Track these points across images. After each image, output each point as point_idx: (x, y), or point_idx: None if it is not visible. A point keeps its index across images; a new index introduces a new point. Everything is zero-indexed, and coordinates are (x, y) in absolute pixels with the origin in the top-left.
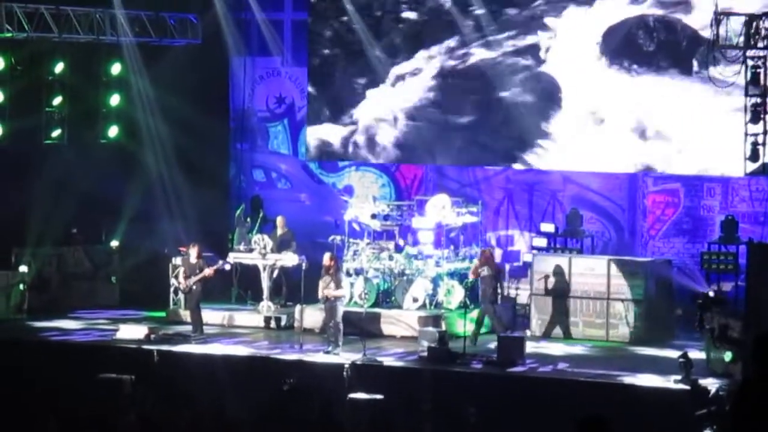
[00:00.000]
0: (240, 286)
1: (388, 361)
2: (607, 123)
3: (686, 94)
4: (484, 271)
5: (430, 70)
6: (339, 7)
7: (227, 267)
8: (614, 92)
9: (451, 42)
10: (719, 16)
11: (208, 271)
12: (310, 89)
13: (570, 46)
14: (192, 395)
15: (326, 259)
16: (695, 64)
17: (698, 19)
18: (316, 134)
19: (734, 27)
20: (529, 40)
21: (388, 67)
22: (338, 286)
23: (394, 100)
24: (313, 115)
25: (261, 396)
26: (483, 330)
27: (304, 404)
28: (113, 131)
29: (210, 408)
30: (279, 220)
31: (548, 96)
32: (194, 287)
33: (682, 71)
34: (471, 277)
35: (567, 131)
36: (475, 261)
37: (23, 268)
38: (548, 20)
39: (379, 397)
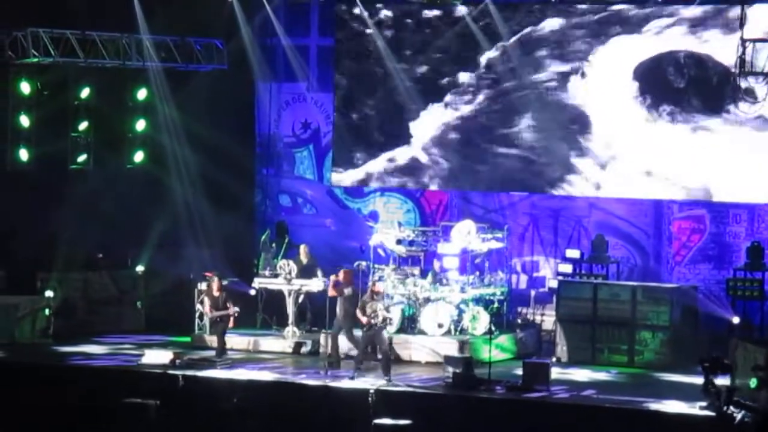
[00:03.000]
0: (265, 312)
1: (413, 387)
2: (634, 153)
3: (714, 123)
4: (349, 291)
5: (458, 99)
6: (365, 35)
7: (252, 292)
8: (643, 124)
9: (480, 72)
10: (745, 44)
11: (231, 313)
12: (336, 116)
13: (601, 80)
14: (217, 420)
15: (379, 285)
16: (724, 95)
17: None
18: (342, 161)
19: (761, 54)
20: (560, 72)
21: (416, 95)
22: (388, 309)
23: (421, 128)
24: (339, 142)
25: (285, 421)
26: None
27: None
28: (139, 156)
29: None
30: (302, 249)
31: (577, 127)
32: (220, 319)
33: (711, 105)
34: (333, 294)
35: (595, 160)
36: (336, 280)
37: (49, 293)
38: (580, 53)
39: (406, 422)
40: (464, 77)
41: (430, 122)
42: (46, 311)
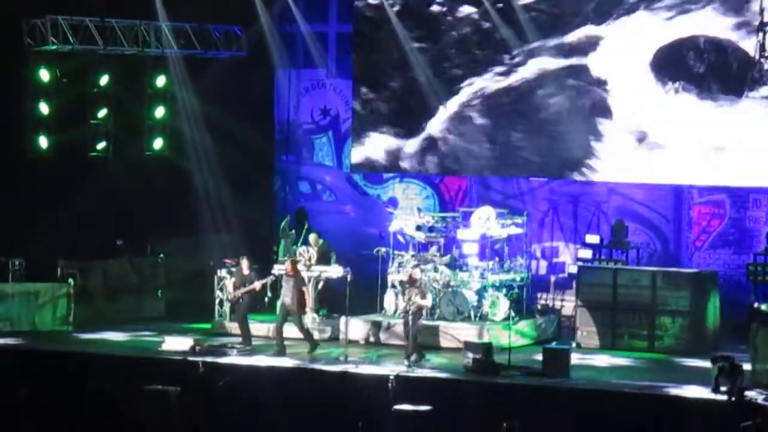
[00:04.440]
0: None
1: (433, 373)
2: (654, 137)
3: (734, 109)
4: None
5: (479, 83)
6: (383, 20)
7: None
8: (662, 108)
9: (501, 55)
10: (765, 27)
11: (257, 285)
12: (354, 103)
13: (620, 65)
14: (237, 407)
15: (417, 272)
16: (745, 80)
17: (750, 41)
18: (361, 148)
19: None
20: (580, 55)
21: (434, 80)
22: (424, 296)
23: (442, 113)
24: (358, 128)
25: (305, 408)
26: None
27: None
28: (158, 144)
29: (255, 420)
30: (312, 238)
31: (596, 112)
32: (242, 299)
33: (732, 90)
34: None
35: (615, 145)
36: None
37: (69, 281)
38: (599, 37)
39: (426, 408)
40: (483, 62)
41: (449, 107)
42: (67, 299)
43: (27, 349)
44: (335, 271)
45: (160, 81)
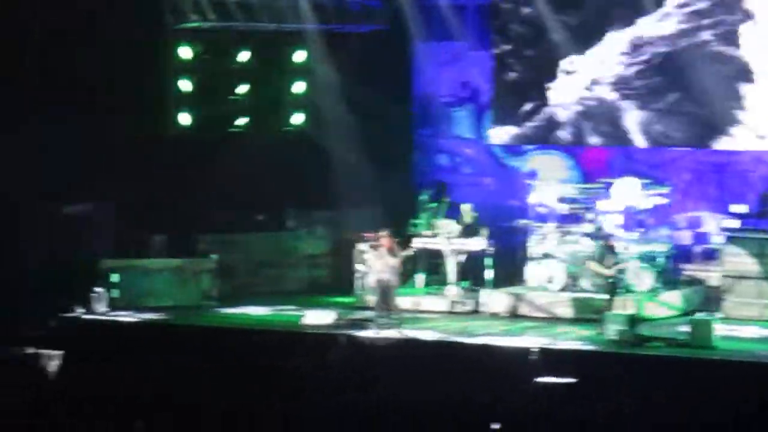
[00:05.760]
0: (426, 271)
1: (576, 345)
2: None
3: None
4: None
5: (618, 52)
6: None
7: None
8: None
9: (641, 23)
10: None
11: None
12: (494, 74)
13: (764, 28)
14: (379, 380)
15: (613, 240)
16: None
17: None
18: (502, 120)
19: None
20: (724, 22)
21: (574, 50)
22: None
23: (582, 84)
24: (499, 100)
25: (446, 382)
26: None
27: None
28: (298, 119)
29: (396, 394)
30: (465, 208)
31: (742, 79)
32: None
33: None
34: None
35: (760, 112)
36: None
37: (211, 256)
38: (745, 3)
39: (570, 380)
40: (622, 32)
41: (591, 78)
42: (209, 274)
43: (170, 324)
44: (477, 243)
45: (299, 56)
